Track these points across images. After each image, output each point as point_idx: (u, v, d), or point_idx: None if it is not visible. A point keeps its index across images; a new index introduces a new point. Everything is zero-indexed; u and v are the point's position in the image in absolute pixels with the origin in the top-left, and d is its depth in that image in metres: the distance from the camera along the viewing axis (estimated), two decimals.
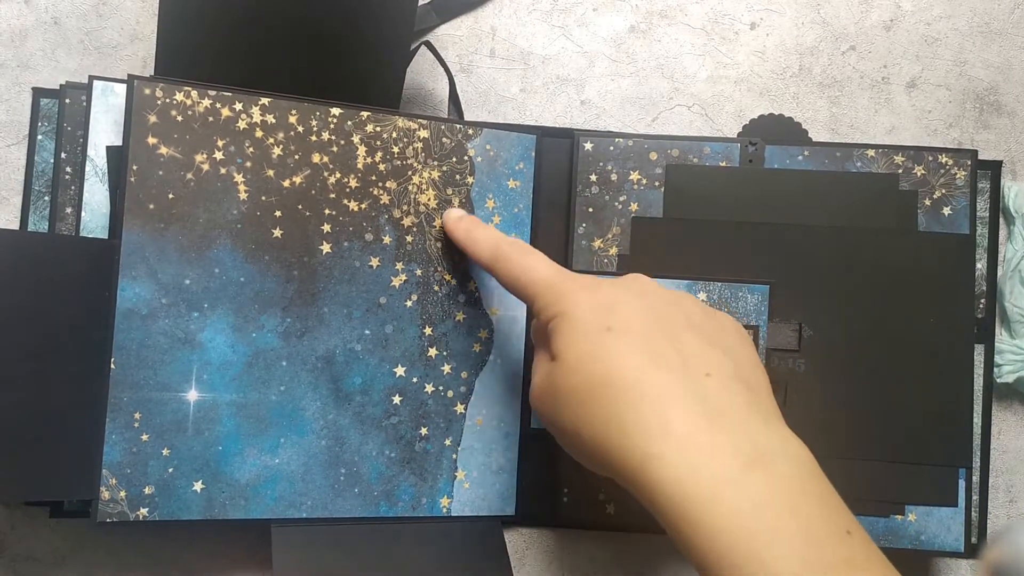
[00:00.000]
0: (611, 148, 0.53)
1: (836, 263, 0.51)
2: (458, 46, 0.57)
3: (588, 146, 0.53)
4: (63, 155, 0.50)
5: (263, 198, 0.48)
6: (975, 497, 0.52)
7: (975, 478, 0.52)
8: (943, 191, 0.52)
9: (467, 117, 0.56)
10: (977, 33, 0.56)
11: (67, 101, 0.51)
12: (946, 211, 0.51)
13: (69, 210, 0.50)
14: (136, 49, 0.55)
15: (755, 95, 0.56)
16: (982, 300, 0.53)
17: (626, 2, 0.57)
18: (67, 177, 0.50)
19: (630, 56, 0.57)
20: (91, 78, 0.48)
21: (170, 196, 0.46)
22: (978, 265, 0.53)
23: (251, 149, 0.48)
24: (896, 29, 0.57)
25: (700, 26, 0.57)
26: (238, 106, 0.47)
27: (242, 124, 0.47)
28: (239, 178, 0.47)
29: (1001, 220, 0.55)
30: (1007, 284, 0.53)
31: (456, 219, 0.49)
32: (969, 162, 0.52)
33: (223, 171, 0.47)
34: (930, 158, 0.52)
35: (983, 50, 0.56)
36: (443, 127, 0.52)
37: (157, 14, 0.47)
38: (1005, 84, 0.56)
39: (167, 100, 0.46)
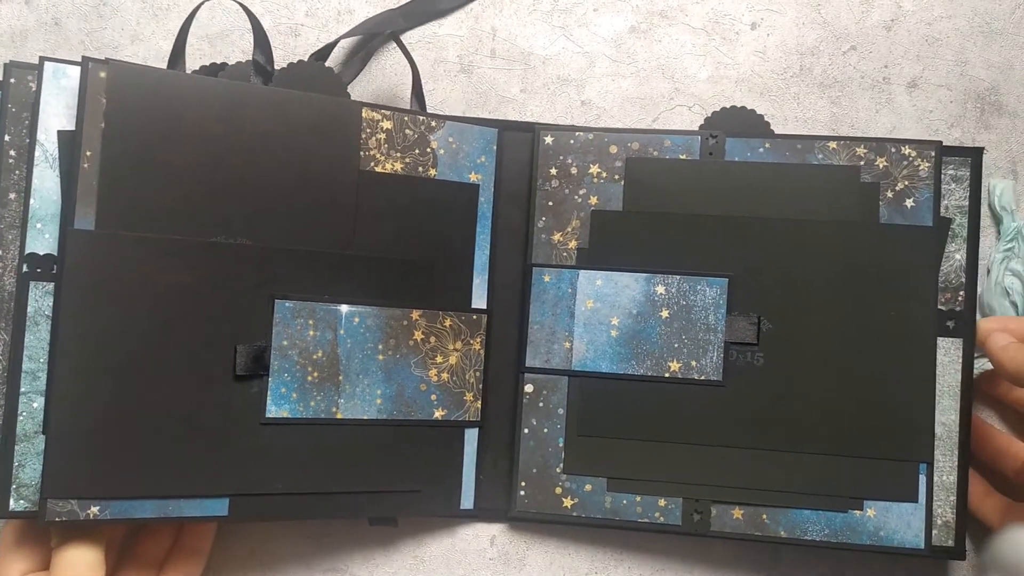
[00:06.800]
0: (571, 142, 0.53)
1: (796, 256, 0.51)
2: (459, 46, 0.57)
3: (548, 140, 0.53)
4: (7, 138, 0.48)
5: None
6: (952, 498, 0.51)
7: (952, 477, 0.51)
8: (906, 183, 0.51)
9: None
10: (978, 33, 0.56)
11: (12, 81, 0.49)
12: (908, 203, 0.51)
13: (13, 195, 0.48)
14: (136, 49, 0.54)
15: (756, 95, 0.56)
16: (960, 292, 0.52)
17: (627, 2, 0.57)
18: (11, 161, 0.48)
19: (631, 56, 0.57)
20: (42, 59, 0.46)
21: None
22: (956, 256, 0.52)
23: None
24: (897, 29, 0.57)
25: (701, 26, 0.57)
26: None
27: None
28: None
29: (989, 220, 0.55)
30: (995, 300, 0.53)
31: (1002, 347, 0.48)
32: (933, 153, 0.51)
33: None
34: (893, 149, 0.52)
35: (984, 50, 0.56)
36: (406, 119, 0.52)
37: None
38: (1006, 84, 0.56)
39: None
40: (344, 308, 0.50)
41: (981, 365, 0.53)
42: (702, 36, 0.57)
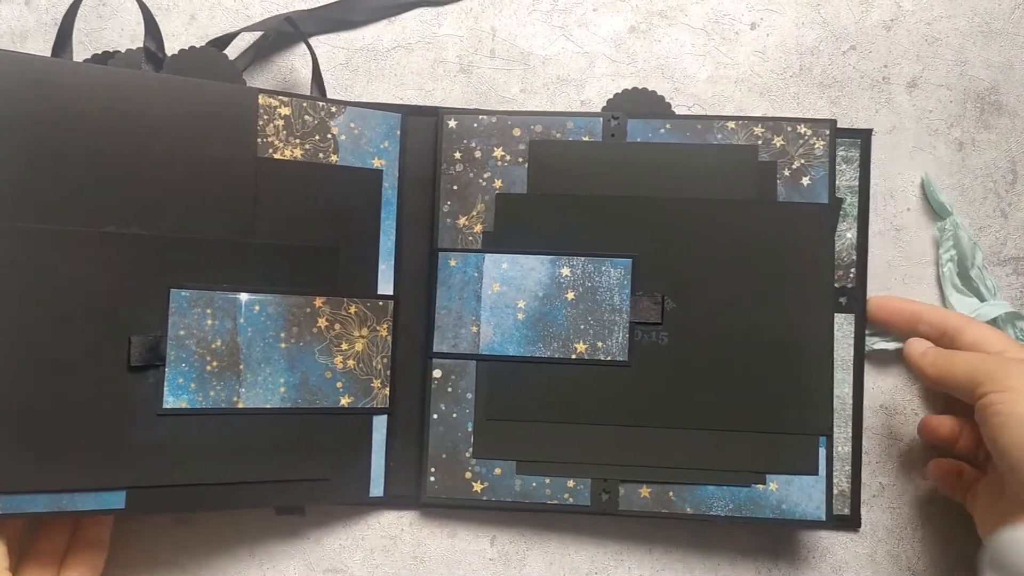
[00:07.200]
0: (475, 125, 0.53)
1: (697, 235, 0.52)
2: (458, 46, 0.56)
3: (452, 124, 0.53)
4: None
5: None
6: (847, 468, 0.53)
7: (847, 448, 0.53)
8: (802, 161, 0.52)
9: None
10: (978, 33, 0.56)
11: None
12: (805, 181, 0.52)
13: None
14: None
15: (755, 95, 0.56)
16: (852, 269, 0.54)
17: (626, 2, 0.57)
18: None
19: (630, 56, 0.56)
20: None
21: None
22: (847, 235, 0.54)
23: None
24: (896, 29, 0.57)
25: (700, 26, 0.57)
26: None
27: None
28: None
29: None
30: (955, 297, 0.54)
31: (922, 353, 0.51)
32: (828, 131, 0.52)
33: None
34: (789, 128, 0.52)
35: (984, 50, 0.56)
36: (305, 104, 0.51)
37: None
38: (1006, 84, 0.56)
39: None
40: (244, 296, 0.49)
41: (872, 343, 0.54)
42: (702, 36, 0.57)
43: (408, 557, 0.54)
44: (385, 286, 0.53)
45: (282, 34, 0.55)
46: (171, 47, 0.53)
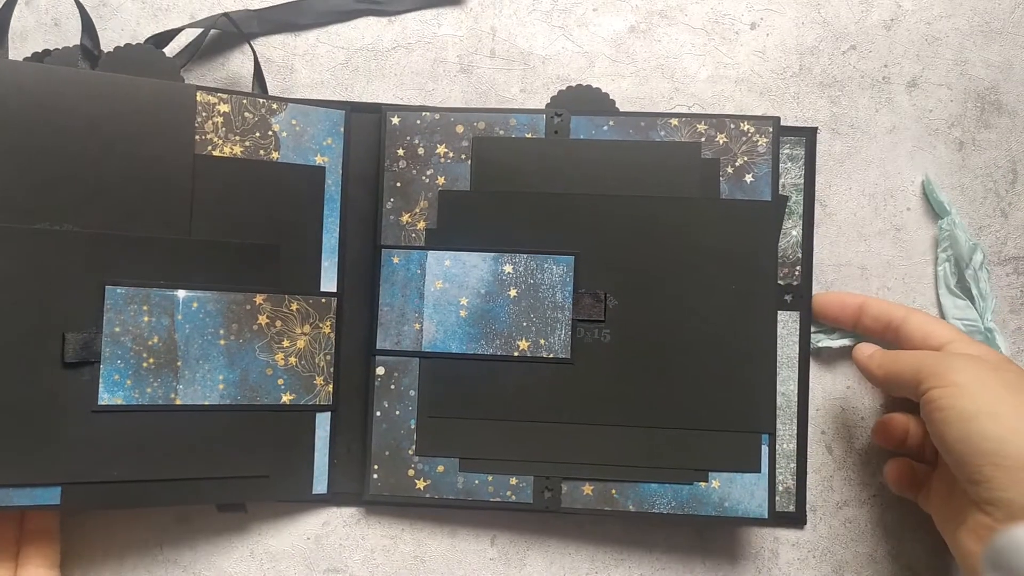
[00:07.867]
0: (418, 122, 0.53)
1: (640, 232, 0.51)
2: (458, 46, 0.56)
3: (395, 120, 0.53)
4: None
5: None
6: (792, 465, 0.53)
7: (792, 445, 0.53)
8: (745, 158, 0.52)
9: None
10: (978, 32, 0.56)
11: None
12: (748, 178, 0.52)
13: None
14: None
15: (755, 95, 0.56)
16: (797, 267, 0.54)
17: (626, 2, 0.56)
18: None
19: (630, 56, 0.56)
20: None
21: None
22: (793, 232, 0.54)
23: None
24: (896, 28, 0.56)
25: (700, 26, 0.56)
26: None
27: None
28: None
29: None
30: (948, 299, 0.54)
31: (869, 356, 0.51)
32: (771, 129, 0.52)
33: None
34: (732, 126, 0.52)
35: (984, 49, 0.56)
36: (245, 101, 0.51)
37: None
38: (1006, 83, 0.56)
39: None
40: (181, 293, 0.49)
41: (817, 340, 0.54)
42: (702, 36, 0.56)
43: (408, 557, 0.54)
44: (328, 283, 0.53)
45: (229, 33, 0.55)
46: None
